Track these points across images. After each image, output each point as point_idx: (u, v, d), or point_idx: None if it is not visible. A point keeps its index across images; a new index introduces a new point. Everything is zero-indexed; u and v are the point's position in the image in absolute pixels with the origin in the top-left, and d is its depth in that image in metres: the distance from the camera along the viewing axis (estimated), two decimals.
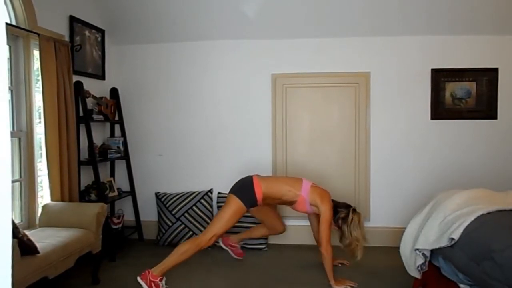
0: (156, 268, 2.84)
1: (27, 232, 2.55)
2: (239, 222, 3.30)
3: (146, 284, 2.79)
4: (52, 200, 3.20)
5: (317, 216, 3.19)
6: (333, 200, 3.20)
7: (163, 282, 2.83)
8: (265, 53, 4.09)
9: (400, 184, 4.02)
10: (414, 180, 4.00)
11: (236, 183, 3.20)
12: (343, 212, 3.11)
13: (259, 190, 3.04)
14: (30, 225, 3.16)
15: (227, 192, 4.04)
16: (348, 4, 3.68)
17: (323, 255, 3.01)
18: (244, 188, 3.08)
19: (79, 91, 3.54)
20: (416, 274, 2.54)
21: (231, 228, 3.11)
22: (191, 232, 3.94)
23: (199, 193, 4.08)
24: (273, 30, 3.98)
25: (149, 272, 2.82)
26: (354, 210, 3.14)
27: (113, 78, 4.24)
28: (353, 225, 3.06)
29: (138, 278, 2.81)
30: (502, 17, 3.69)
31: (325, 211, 3.05)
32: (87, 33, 3.81)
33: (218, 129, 4.20)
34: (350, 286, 2.98)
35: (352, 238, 3.05)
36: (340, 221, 3.11)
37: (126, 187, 4.25)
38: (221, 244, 3.59)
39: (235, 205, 3.01)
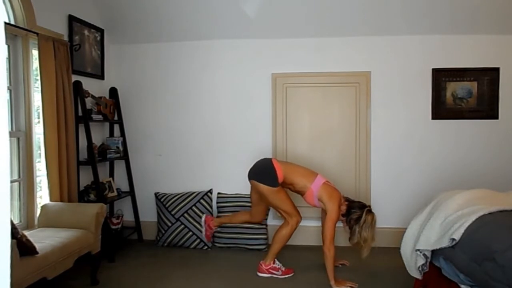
0: (266, 258, 3.25)
1: (26, 233, 2.54)
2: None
3: (266, 273, 3.23)
4: (51, 200, 3.19)
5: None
6: (348, 199, 3.20)
7: (277, 262, 3.26)
8: (265, 52, 4.08)
9: (401, 184, 4.01)
10: (415, 180, 3.98)
11: (256, 168, 3.26)
12: (356, 213, 3.08)
13: (281, 174, 3.16)
14: (29, 225, 3.15)
15: (229, 193, 4.07)
16: (349, 4, 3.66)
17: (325, 253, 3.02)
18: (266, 173, 3.17)
19: (78, 90, 3.53)
20: (417, 274, 2.53)
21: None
22: (190, 233, 3.92)
23: (199, 193, 4.06)
24: (273, 29, 3.96)
25: (261, 264, 3.24)
26: (369, 211, 3.10)
27: (112, 77, 4.23)
28: (365, 225, 3.03)
29: (258, 274, 3.25)
30: (503, 16, 3.67)
31: (332, 211, 3.07)
32: (86, 32, 3.79)
33: (218, 129, 4.19)
34: (350, 286, 2.97)
35: (361, 238, 3.03)
36: (352, 222, 3.09)
37: (125, 187, 4.24)
38: (203, 219, 3.58)
39: (270, 191, 3.14)
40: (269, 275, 3.22)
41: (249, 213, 3.54)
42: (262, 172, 3.19)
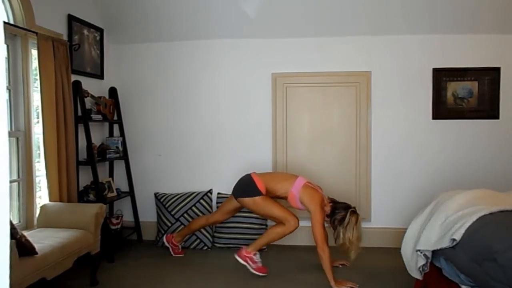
0: (250, 246, 3.20)
1: (25, 233, 2.53)
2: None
3: (242, 259, 3.18)
4: (50, 200, 3.18)
5: None
6: (332, 200, 3.23)
7: (257, 256, 3.19)
8: (265, 52, 4.07)
9: (401, 184, 4.00)
10: (415, 180, 3.98)
11: (238, 185, 3.35)
12: (340, 214, 3.10)
13: (261, 184, 3.22)
14: (28, 225, 3.14)
15: (228, 193, 4.06)
16: (349, 3, 3.65)
17: (320, 255, 3.02)
18: (246, 187, 3.25)
19: (78, 90, 3.52)
20: (417, 275, 2.52)
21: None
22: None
23: (199, 193, 4.05)
24: (273, 29, 3.95)
25: (243, 249, 3.20)
26: (353, 212, 3.11)
27: (112, 77, 4.22)
28: (349, 226, 3.05)
29: (235, 256, 3.21)
30: (504, 16, 3.66)
31: (314, 212, 3.10)
32: (85, 32, 3.78)
33: (217, 129, 4.18)
34: (350, 287, 2.96)
35: (345, 239, 3.04)
36: (336, 222, 3.11)
37: (125, 187, 4.23)
38: (164, 240, 3.73)
39: (254, 202, 3.21)
40: (244, 263, 3.19)
41: (205, 218, 3.66)
42: (244, 187, 3.28)
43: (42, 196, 3.36)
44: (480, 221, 2.14)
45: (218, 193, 4.10)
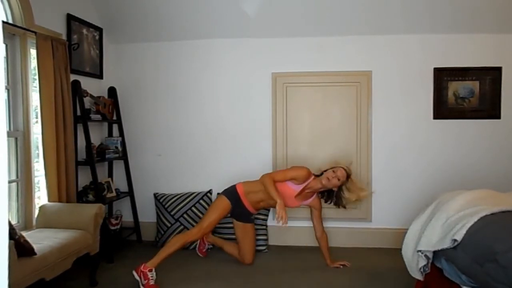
0: (149, 261, 3.01)
1: (24, 233, 2.52)
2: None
3: (138, 274, 2.98)
4: (49, 201, 3.17)
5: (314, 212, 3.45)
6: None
7: (153, 272, 2.97)
8: (265, 51, 4.06)
9: (402, 184, 3.98)
10: (416, 180, 3.96)
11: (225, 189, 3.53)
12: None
13: (240, 185, 3.39)
14: (27, 226, 3.12)
15: None
16: (349, 3, 3.64)
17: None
18: (227, 189, 3.46)
19: (77, 90, 3.51)
20: (418, 276, 2.51)
21: (217, 223, 3.37)
22: None
23: (198, 193, 4.04)
24: (273, 28, 3.94)
25: (142, 264, 3.00)
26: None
27: (111, 77, 4.21)
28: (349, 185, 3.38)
29: (133, 272, 3.01)
30: (505, 15, 3.65)
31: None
32: (84, 31, 3.77)
33: (217, 129, 4.16)
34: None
35: (352, 197, 3.30)
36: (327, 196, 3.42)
37: (124, 187, 4.22)
38: None
39: (219, 201, 3.34)
40: (138, 278, 2.96)
41: (237, 250, 3.56)
42: (227, 190, 3.45)
43: (41, 197, 3.34)
44: (481, 222, 2.13)
45: (218, 194, 4.08)
